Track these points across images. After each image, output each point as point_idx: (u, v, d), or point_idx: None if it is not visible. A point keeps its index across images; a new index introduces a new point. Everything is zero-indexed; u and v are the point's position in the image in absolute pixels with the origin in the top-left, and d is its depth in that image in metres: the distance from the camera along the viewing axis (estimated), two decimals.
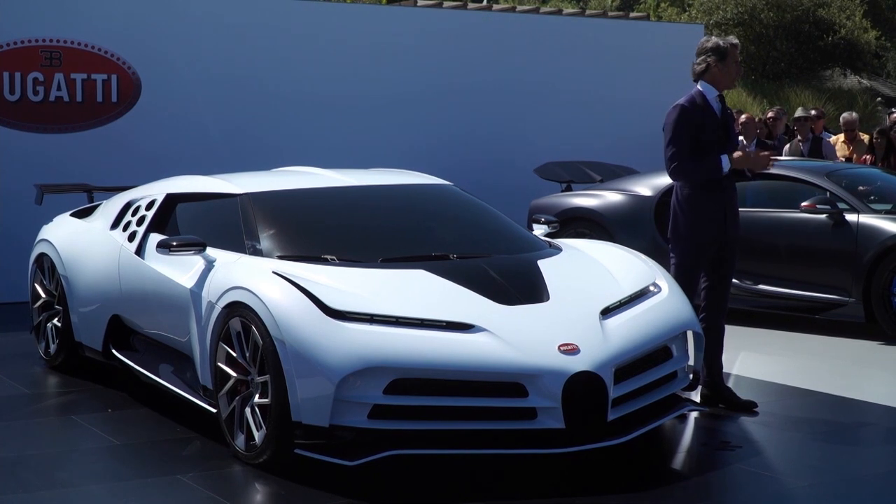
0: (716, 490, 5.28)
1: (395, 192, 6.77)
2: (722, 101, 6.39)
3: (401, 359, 5.05)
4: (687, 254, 6.30)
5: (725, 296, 6.43)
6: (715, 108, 6.33)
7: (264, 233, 6.07)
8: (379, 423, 5.07)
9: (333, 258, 5.83)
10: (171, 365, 6.30)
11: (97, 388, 6.99)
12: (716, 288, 6.38)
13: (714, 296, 6.38)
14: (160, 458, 5.62)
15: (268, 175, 7.13)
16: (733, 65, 6.34)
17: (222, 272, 5.78)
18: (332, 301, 5.25)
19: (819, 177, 9.20)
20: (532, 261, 6.03)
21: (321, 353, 5.05)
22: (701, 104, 6.31)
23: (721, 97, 6.38)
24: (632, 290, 5.80)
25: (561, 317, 5.42)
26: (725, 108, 6.42)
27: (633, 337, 5.44)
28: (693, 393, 6.14)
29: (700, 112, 6.28)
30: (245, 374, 5.44)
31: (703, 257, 6.32)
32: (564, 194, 10.56)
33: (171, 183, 7.12)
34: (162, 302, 6.28)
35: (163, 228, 6.74)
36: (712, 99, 6.34)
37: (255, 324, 5.30)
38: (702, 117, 6.28)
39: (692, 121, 6.27)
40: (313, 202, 6.45)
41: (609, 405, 5.18)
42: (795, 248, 9.04)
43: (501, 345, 5.16)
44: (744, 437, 6.03)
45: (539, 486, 5.12)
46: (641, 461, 5.52)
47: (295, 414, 5.10)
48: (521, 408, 5.12)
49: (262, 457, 5.28)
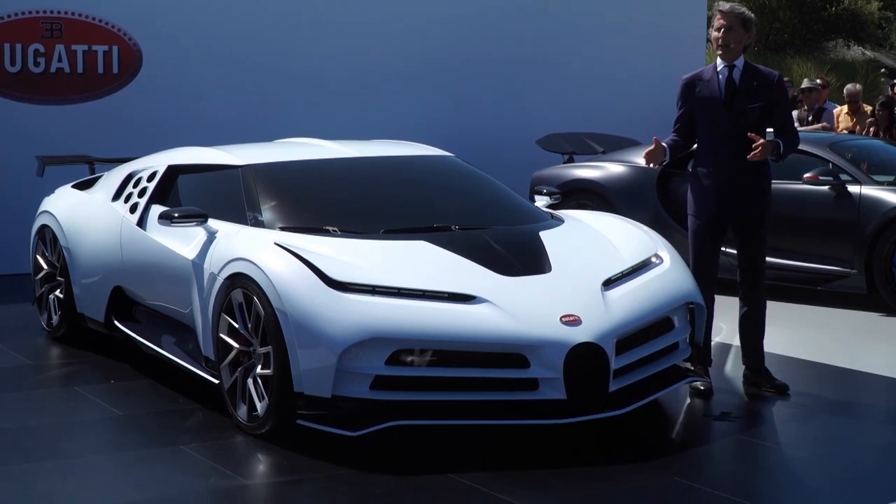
0: (716, 460, 5.30)
1: (396, 164, 6.76)
2: (744, 73, 6.07)
3: (402, 329, 5.05)
4: (692, 230, 6.22)
5: (755, 275, 6.22)
6: (720, 83, 6.10)
7: (266, 204, 6.06)
8: (381, 394, 5.08)
9: (335, 229, 5.82)
10: (173, 336, 6.30)
11: (99, 360, 7.00)
12: (744, 267, 6.23)
13: (744, 276, 6.24)
14: (162, 429, 5.63)
15: (269, 146, 7.12)
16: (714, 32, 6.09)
17: (224, 243, 5.78)
18: (334, 272, 5.25)
19: (821, 148, 9.17)
20: (534, 232, 6.02)
21: (323, 323, 5.06)
22: (707, 78, 6.16)
23: (743, 68, 6.08)
24: (633, 262, 5.78)
25: (563, 288, 5.42)
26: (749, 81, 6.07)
27: (634, 308, 5.43)
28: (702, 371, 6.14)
29: (702, 87, 6.13)
30: (247, 345, 5.45)
31: (709, 234, 6.18)
32: (567, 166, 10.53)
33: (172, 154, 7.10)
34: (164, 273, 6.28)
35: (164, 200, 6.72)
36: (722, 71, 6.13)
37: (256, 295, 5.30)
38: (700, 93, 6.12)
39: (688, 96, 6.16)
40: (315, 173, 6.44)
41: (610, 376, 5.18)
42: (798, 220, 9.02)
43: (503, 316, 5.16)
44: (744, 408, 6.04)
45: (540, 457, 5.13)
46: (642, 432, 5.52)
47: (297, 384, 5.11)
48: (523, 379, 5.12)
49: (264, 427, 5.29)
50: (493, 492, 4.65)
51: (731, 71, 6.12)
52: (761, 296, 6.30)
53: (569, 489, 4.74)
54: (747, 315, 6.29)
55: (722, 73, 6.14)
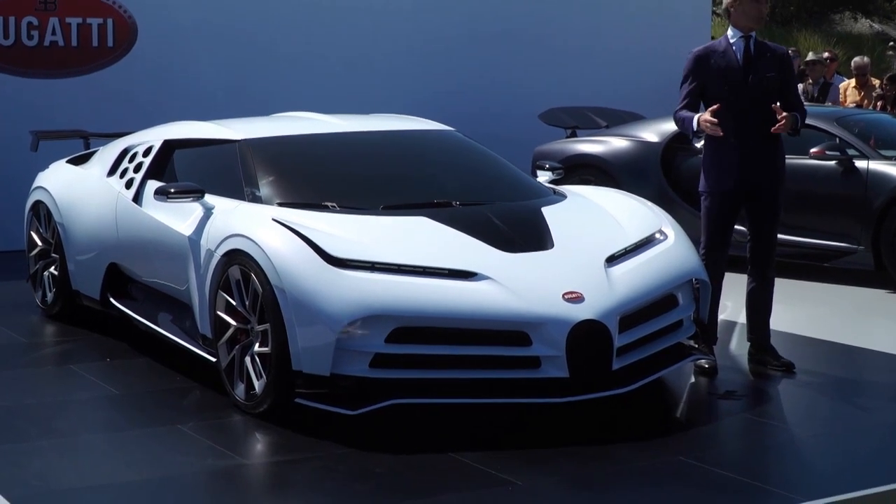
0: (722, 438, 5.30)
1: (396, 138, 6.73)
2: (756, 44, 6.10)
3: (403, 307, 5.05)
4: (710, 207, 6.18)
5: (767, 250, 6.23)
6: (737, 54, 6.09)
7: (263, 179, 6.04)
8: (381, 372, 5.07)
9: (334, 205, 5.80)
10: (169, 313, 6.29)
11: (95, 338, 6.99)
12: (756, 242, 6.22)
13: (755, 251, 6.23)
14: (159, 408, 5.62)
15: (267, 121, 7.09)
16: (750, 2, 6.10)
17: (221, 220, 5.77)
18: (333, 249, 5.24)
19: (828, 122, 9.13)
20: (536, 208, 6.00)
21: (322, 301, 5.05)
22: (722, 50, 6.12)
23: (754, 40, 6.10)
24: (637, 238, 5.76)
25: (565, 264, 5.41)
26: (762, 52, 6.10)
27: (638, 285, 5.42)
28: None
29: (717, 59, 6.10)
30: (245, 322, 5.44)
31: (725, 208, 6.16)
32: (569, 140, 10.50)
33: (168, 129, 7.07)
34: (160, 250, 6.27)
35: (160, 175, 6.70)
36: (736, 43, 6.11)
37: (254, 272, 5.29)
38: (717, 64, 6.09)
39: (701, 69, 6.12)
40: (313, 148, 6.41)
41: (614, 354, 5.18)
42: (804, 195, 8.98)
43: (505, 293, 5.14)
44: (750, 386, 6.03)
45: (542, 436, 5.12)
46: (646, 410, 5.51)
47: (295, 363, 5.10)
48: (525, 356, 5.12)
49: (262, 406, 5.29)
50: (493, 471, 4.65)
51: (748, 42, 6.13)
52: (773, 272, 6.29)
53: (571, 468, 4.73)
54: (756, 291, 6.28)
55: (737, 45, 6.13)
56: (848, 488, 4.51)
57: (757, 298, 6.29)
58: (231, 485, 4.69)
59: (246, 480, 4.76)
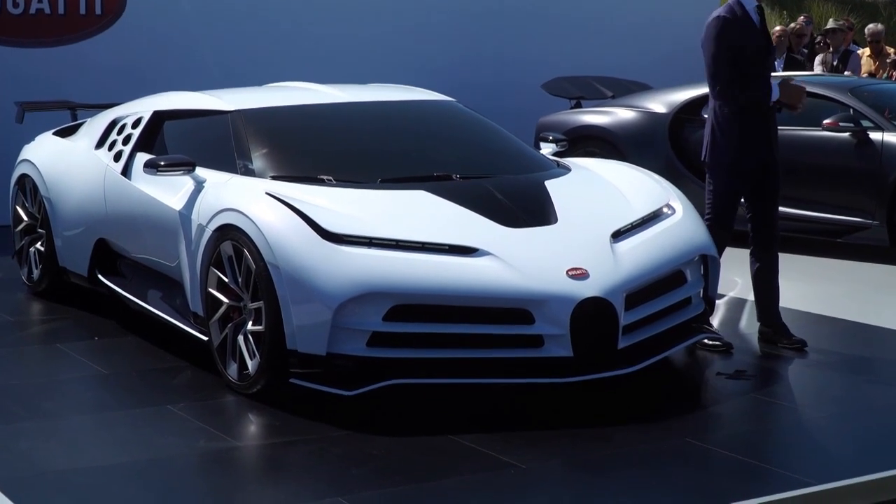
0: (731, 420, 5.29)
1: (394, 109, 6.72)
2: (761, 12, 6.14)
3: (401, 284, 5.05)
4: (728, 180, 6.13)
5: (774, 224, 6.24)
6: (755, 20, 6.09)
7: (257, 152, 6.03)
8: (378, 352, 5.07)
9: (330, 178, 5.79)
10: (159, 291, 6.29)
11: (83, 315, 6.99)
12: (761, 220, 6.22)
13: (760, 228, 6.23)
14: (149, 388, 5.63)
15: (260, 91, 7.08)
16: None
17: (213, 193, 5.76)
18: (329, 223, 5.23)
19: (842, 93, 9.10)
20: (539, 181, 5.99)
21: (317, 277, 5.04)
22: (741, 15, 6.08)
23: (760, 8, 6.14)
24: (644, 212, 5.75)
25: (569, 240, 5.40)
26: (764, 21, 6.16)
27: (645, 261, 5.41)
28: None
29: (740, 24, 6.06)
30: (237, 300, 5.43)
31: (745, 184, 6.15)
32: (574, 111, 10.48)
33: (158, 100, 7.06)
34: (150, 225, 6.27)
35: (150, 147, 6.68)
36: (751, 10, 6.09)
37: (247, 247, 5.28)
38: (742, 30, 6.05)
39: (732, 34, 6.05)
40: (308, 119, 6.41)
41: (619, 332, 5.18)
42: (817, 169, 8.97)
43: (507, 269, 5.14)
44: (760, 366, 6.03)
45: (545, 418, 5.12)
46: (653, 391, 5.51)
47: (290, 342, 5.10)
48: (528, 335, 5.12)
49: (255, 387, 5.29)
50: (494, 453, 4.65)
51: (759, 10, 6.16)
52: (777, 249, 6.29)
53: (575, 451, 4.73)
54: (763, 270, 6.27)
55: (753, 13, 6.13)
56: (861, 471, 4.50)
57: (764, 278, 6.28)
58: (223, 467, 4.68)
59: (238, 463, 4.76)
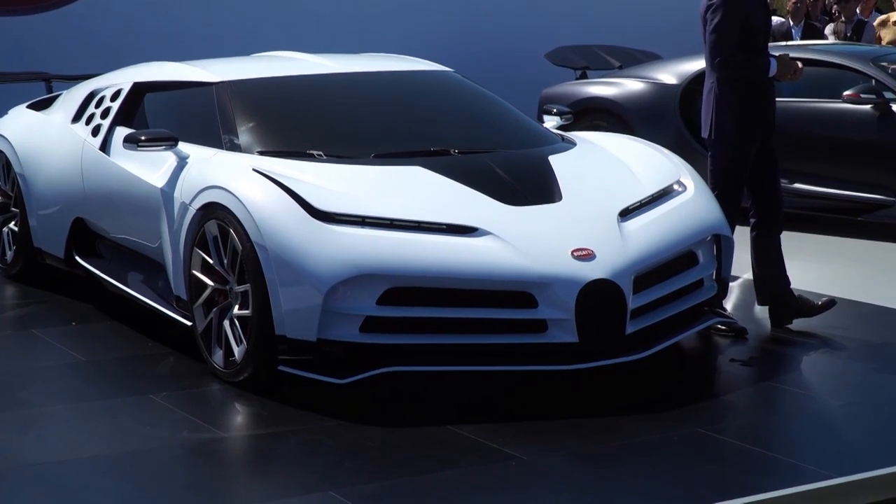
0: (744, 410, 5.29)
1: (389, 80, 6.72)
2: None
3: (396, 265, 5.05)
4: (734, 157, 6.14)
5: (778, 198, 6.25)
6: None
7: (243, 126, 6.03)
8: (372, 337, 5.08)
9: (320, 153, 5.80)
10: (140, 273, 6.30)
11: (59, 300, 6.98)
12: (766, 190, 6.22)
13: (765, 200, 6.23)
14: (129, 377, 5.63)
15: (247, 61, 7.08)
16: None
17: (197, 170, 5.76)
18: (319, 201, 5.23)
19: (864, 63, 9.09)
20: (542, 156, 5.99)
21: (307, 259, 5.04)
22: None
23: None
24: (654, 189, 5.75)
25: (574, 218, 5.40)
26: None
27: (654, 241, 5.41)
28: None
29: None
30: (223, 282, 5.43)
31: (749, 160, 6.16)
32: (579, 82, 10.48)
33: (138, 70, 7.05)
34: (130, 203, 6.27)
35: (130, 121, 6.69)
36: None
37: (233, 227, 5.28)
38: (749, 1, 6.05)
39: (740, 5, 6.03)
40: (298, 91, 6.41)
41: (627, 317, 5.18)
42: (836, 143, 8.97)
43: (508, 250, 5.14)
44: (774, 353, 6.04)
45: (548, 407, 5.12)
46: (662, 379, 5.51)
47: (278, 327, 5.10)
48: (530, 320, 5.12)
49: (242, 374, 5.29)
50: (494, 445, 4.65)
51: None
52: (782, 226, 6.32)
53: (579, 442, 4.73)
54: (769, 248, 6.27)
55: None
56: (880, 464, 4.49)
57: (770, 256, 6.27)
58: (208, 460, 4.68)
59: (224, 455, 4.76)
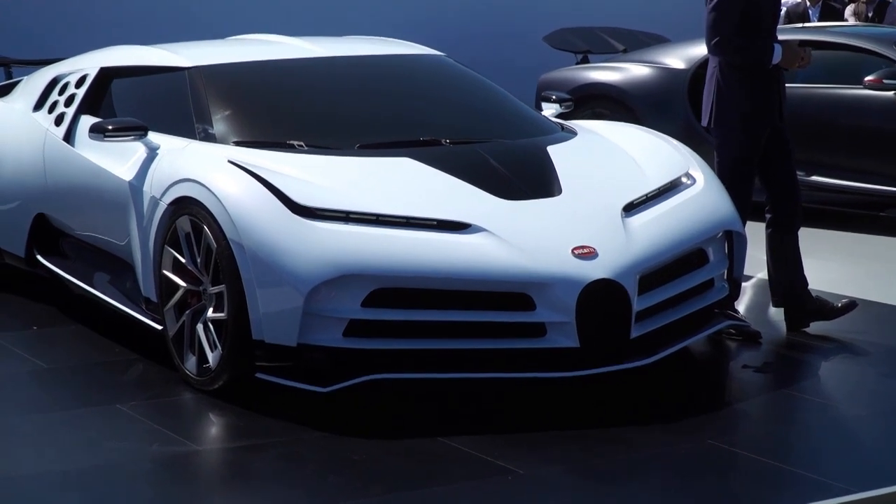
0: (758, 420, 5.31)
1: (375, 65, 6.73)
2: None
3: (382, 264, 5.06)
4: (741, 147, 6.16)
5: (795, 191, 6.27)
6: None
7: (218, 114, 6.04)
8: (356, 342, 5.09)
9: (301, 144, 5.81)
10: (107, 273, 6.30)
11: (20, 302, 6.99)
12: (781, 183, 6.24)
13: (781, 193, 6.24)
14: (95, 385, 5.65)
15: (222, 44, 7.08)
16: None
17: (168, 162, 5.77)
18: (300, 196, 5.24)
19: (886, 46, 9.11)
20: (541, 147, 6.01)
21: (287, 257, 5.06)
22: None
23: None
24: (660, 182, 5.77)
25: (575, 214, 5.42)
26: None
27: (661, 238, 5.43)
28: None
29: None
30: (196, 283, 5.44)
31: (758, 150, 6.19)
32: (580, 67, 10.50)
33: (105, 55, 7.06)
34: (96, 198, 6.27)
35: (96, 110, 6.69)
36: None
37: (207, 223, 5.29)
38: None
39: None
40: (277, 77, 6.42)
41: (632, 319, 5.19)
42: (857, 132, 8.99)
43: (503, 247, 5.15)
44: (790, 358, 6.05)
45: (547, 417, 5.13)
46: (670, 386, 5.53)
47: (256, 331, 5.11)
48: (527, 323, 5.13)
49: (216, 382, 5.30)
50: (490, 458, 4.65)
51: None
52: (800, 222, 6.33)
53: (580, 455, 4.74)
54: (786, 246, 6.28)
55: None
56: None
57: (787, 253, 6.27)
58: (180, 475, 4.69)
59: (198, 470, 4.76)
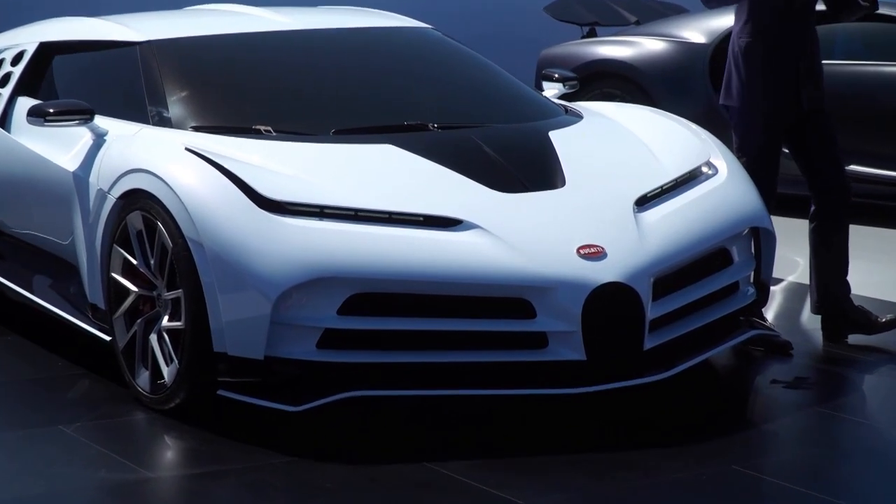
0: (789, 442, 5.31)
1: (353, 39, 6.73)
2: None
3: (361, 266, 5.06)
4: (751, 128, 6.20)
5: (842, 181, 6.27)
6: None
7: (174, 95, 6.05)
8: (332, 355, 5.09)
9: (269, 129, 5.82)
10: (48, 277, 6.32)
11: None
12: (824, 172, 6.24)
13: (825, 184, 6.25)
14: (35, 404, 5.65)
15: (178, 16, 7.11)
16: None
17: (117, 149, 5.76)
18: (268, 188, 5.23)
19: None
20: (542, 132, 6.01)
21: (253, 259, 5.05)
22: None
23: None
24: (678, 173, 5.78)
25: (581, 208, 5.42)
26: None
27: (678, 235, 5.44)
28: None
29: None
30: (149, 288, 5.44)
31: (776, 132, 6.20)
32: (586, 41, 10.54)
33: (45, 28, 7.10)
34: (35, 191, 6.30)
35: (35, 90, 6.73)
36: None
37: (161, 219, 5.28)
38: None
39: None
40: (241, 53, 6.45)
41: (646, 329, 5.19)
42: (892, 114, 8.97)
43: (499, 247, 5.14)
44: (825, 373, 6.06)
45: (551, 440, 5.13)
46: (689, 404, 5.54)
47: (217, 342, 5.10)
48: (527, 333, 5.13)
49: (173, 400, 5.29)
50: (487, 487, 4.64)
51: None
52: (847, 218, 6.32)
53: (589, 482, 4.73)
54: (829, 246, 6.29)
55: None
56: None
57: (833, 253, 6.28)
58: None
59: (151, 499, 4.74)
